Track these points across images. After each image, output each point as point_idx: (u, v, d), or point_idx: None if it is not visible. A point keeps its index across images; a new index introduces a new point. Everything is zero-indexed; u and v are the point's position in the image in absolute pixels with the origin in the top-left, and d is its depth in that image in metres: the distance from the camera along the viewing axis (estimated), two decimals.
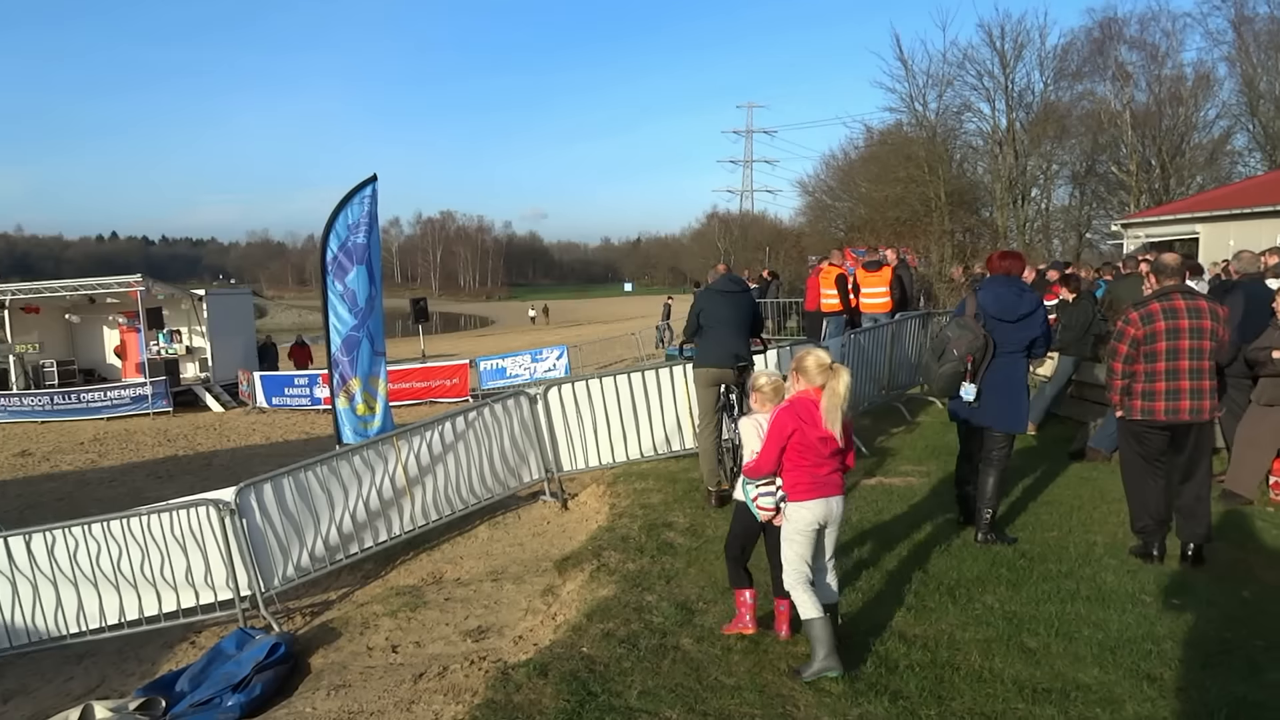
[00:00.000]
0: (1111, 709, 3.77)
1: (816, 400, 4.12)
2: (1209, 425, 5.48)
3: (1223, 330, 5.38)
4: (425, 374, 21.19)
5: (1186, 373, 5.33)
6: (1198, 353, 5.33)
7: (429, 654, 5.60)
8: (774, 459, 4.19)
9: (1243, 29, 34.63)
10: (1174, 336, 5.35)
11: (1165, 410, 5.39)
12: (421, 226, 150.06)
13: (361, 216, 8.78)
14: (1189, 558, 5.46)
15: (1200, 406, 5.35)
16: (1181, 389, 5.35)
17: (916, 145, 38.99)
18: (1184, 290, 5.50)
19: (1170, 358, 5.35)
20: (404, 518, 7.62)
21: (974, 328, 5.75)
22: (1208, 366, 5.35)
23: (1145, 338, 5.44)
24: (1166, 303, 5.43)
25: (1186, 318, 5.34)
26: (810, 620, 4.09)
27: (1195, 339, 5.33)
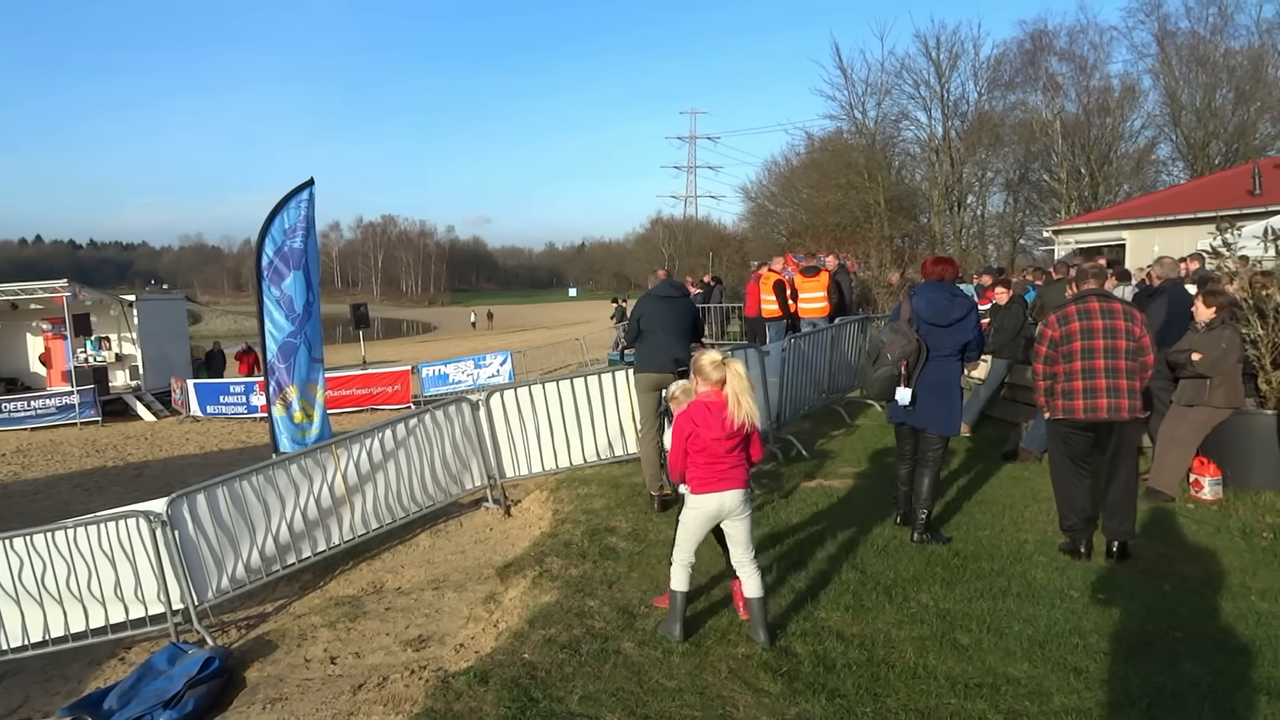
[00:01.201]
0: (1040, 701, 3.88)
1: (710, 404, 4.42)
2: (1133, 425, 5.64)
3: (1139, 330, 5.53)
4: (366, 380, 20.86)
5: (1102, 372, 5.51)
6: (1112, 352, 5.50)
7: (368, 665, 5.53)
8: (681, 459, 4.56)
9: (1165, 43, 36.01)
10: (1088, 337, 5.54)
11: (1083, 409, 5.57)
12: (362, 231, 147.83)
13: (298, 221, 8.63)
14: (1113, 554, 5.64)
15: (1118, 405, 5.50)
16: (1098, 388, 5.52)
17: (856, 152, 39.74)
18: (1100, 294, 5.69)
19: (1085, 357, 5.54)
20: (343, 527, 7.50)
21: (907, 332, 5.87)
22: (1124, 366, 5.50)
23: (1061, 339, 5.65)
24: (1082, 305, 5.65)
25: (1100, 319, 5.53)
26: (674, 593, 4.62)
27: (1109, 339, 5.51)
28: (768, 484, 7.77)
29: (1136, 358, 5.54)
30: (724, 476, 4.48)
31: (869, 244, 29.00)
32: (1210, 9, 35.60)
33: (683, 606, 4.65)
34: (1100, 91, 36.87)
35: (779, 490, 7.56)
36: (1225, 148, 33.53)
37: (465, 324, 74.09)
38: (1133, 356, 5.53)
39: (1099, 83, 37.11)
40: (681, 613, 4.64)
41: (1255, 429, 6.91)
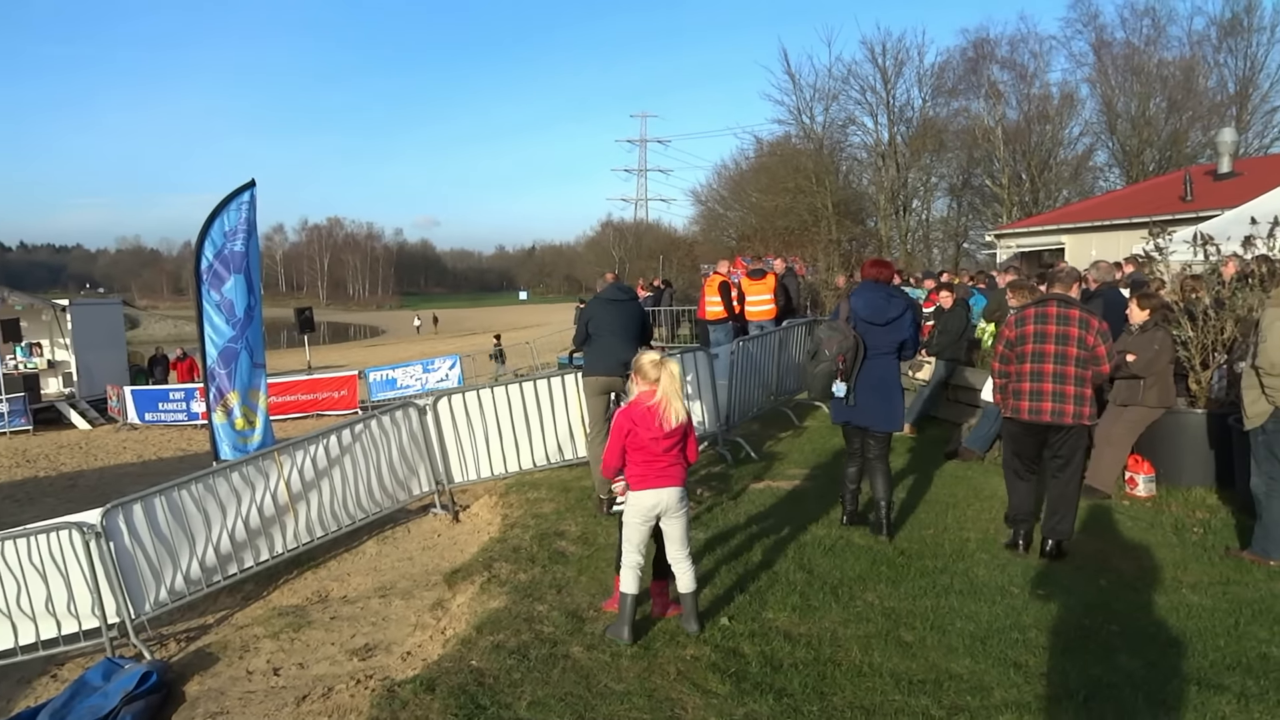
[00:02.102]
0: (981, 696, 3.96)
1: (648, 403, 4.53)
2: (1078, 430, 5.64)
3: (1092, 339, 5.53)
4: (311, 386, 20.53)
5: (1050, 376, 5.59)
6: (1061, 358, 5.57)
7: (313, 675, 5.43)
8: (617, 456, 4.66)
9: (1102, 53, 37.08)
10: (1040, 340, 5.63)
11: (1028, 410, 5.68)
12: (307, 233, 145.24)
13: (239, 223, 8.45)
14: (1047, 552, 5.74)
15: (1061, 409, 5.57)
16: (1044, 391, 5.61)
17: (804, 157, 40.20)
18: (1061, 299, 5.73)
19: (1035, 360, 5.64)
20: (287, 535, 7.36)
21: (844, 329, 6.00)
22: (1073, 373, 5.54)
23: (1016, 339, 5.75)
24: (1040, 308, 5.73)
25: (1054, 324, 5.61)
26: (624, 595, 4.66)
27: (1060, 344, 5.58)
28: (717, 486, 7.81)
29: (1087, 366, 5.56)
30: (661, 475, 4.59)
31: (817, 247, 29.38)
32: (1144, 20, 36.77)
33: (632, 609, 4.67)
34: (1040, 99, 37.82)
35: (728, 492, 7.60)
36: (1159, 155, 34.60)
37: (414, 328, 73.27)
38: (1083, 364, 5.55)
39: (1039, 91, 38.08)
40: (631, 615, 4.66)
41: (1186, 428, 7.13)
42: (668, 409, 4.50)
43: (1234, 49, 35.29)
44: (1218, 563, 5.63)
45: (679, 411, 4.53)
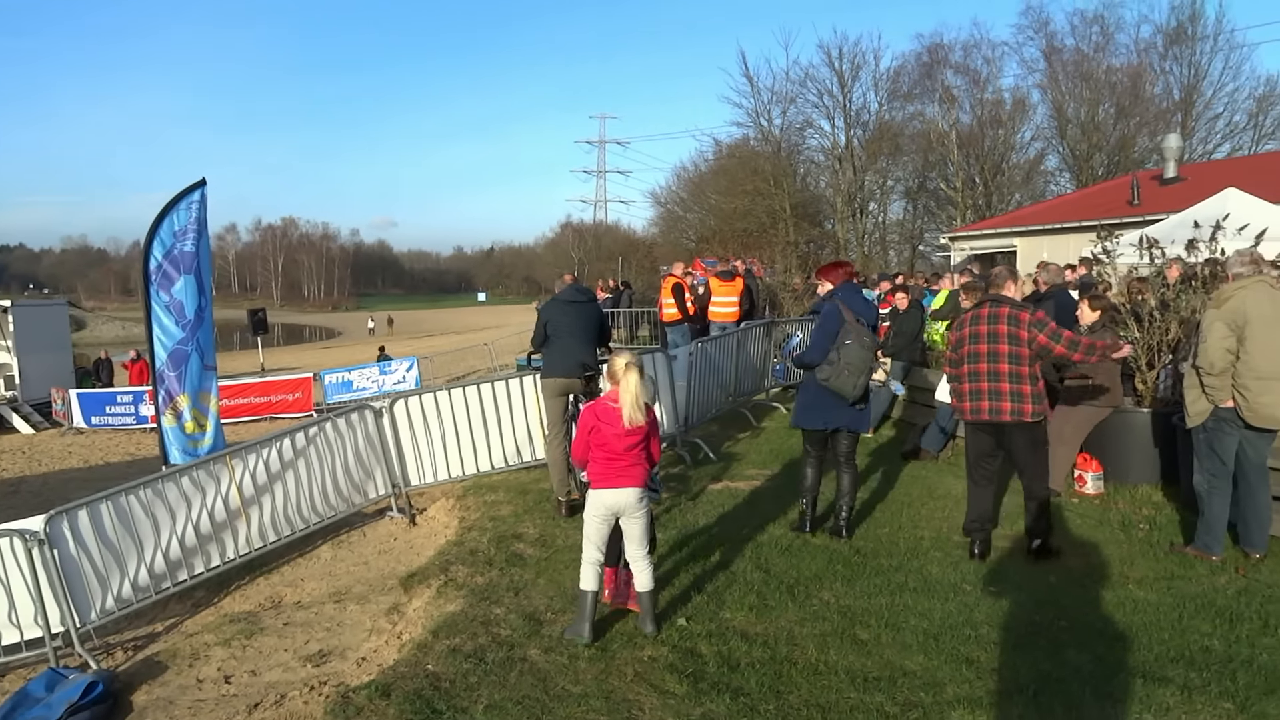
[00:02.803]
0: (934, 692, 4.01)
1: (614, 402, 4.60)
2: (1023, 427, 5.68)
3: (1025, 334, 5.58)
4: (265, 389, 20.21)
5: (985, 375, 5.69)
6: (993, 356, 5.66)
7: (265, 682, 5.34)
8: (583, 448, 4.73)
9: (1053, 59, 37.86)
10: (975, 341, 5.75)
11: (971, 410, 5.79)
12: (261, 233, 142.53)
13: (189, 222, 8.28)
14: (1031, 552, 5.76)
15: (999, 407, 5.64)
16: (982, 390, 5.72)
17: (762, 159, 40.50)
18: (994, 299, 5.85)
19: (971, 360, 5.76)
20: (239, 540, 7.23)
21: (865, 328, 6.00)
22: (1006, 370, 5.62)
23: (958, 342, 5.88)
24: (976, 310, 5.87)
25: (986, 324, 5.73)
26: (583, 593, 4.66)
27: (991, 343, 5.68)
28: (675, 486, 7.83)
29: (1022, 362, 5.60)
30: (622, 474, 4.63)
31: (775, 249, 29.54)
32: (1093, 28, 37.66)
33: (592, 607, 4.67)
34: (993, 104, 38.54)
35: (686, 493, 7.62)
36: (1108, 160, 35.42)
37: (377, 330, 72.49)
38: (1016, 360, 5.61)
39: (991, 96, 38.81)
40: (591, 613, 4.66)
41: (1133, 426, 7.30)
42: (630, 414, 4.54)
43: (1179, 57, 36.29)
44: (1163, 558, 5.76)
45: (632, 415, 4.55)
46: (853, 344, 5.90)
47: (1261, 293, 5.45)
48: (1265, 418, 5.39)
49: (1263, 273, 5.59)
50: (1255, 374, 5.33)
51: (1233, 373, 5.40)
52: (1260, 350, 5.30)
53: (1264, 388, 5.34)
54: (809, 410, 6.16)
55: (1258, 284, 5.48)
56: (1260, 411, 5.37)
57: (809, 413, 6.17)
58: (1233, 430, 5.49)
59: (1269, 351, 5.29)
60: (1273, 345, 5.30)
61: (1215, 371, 5.39)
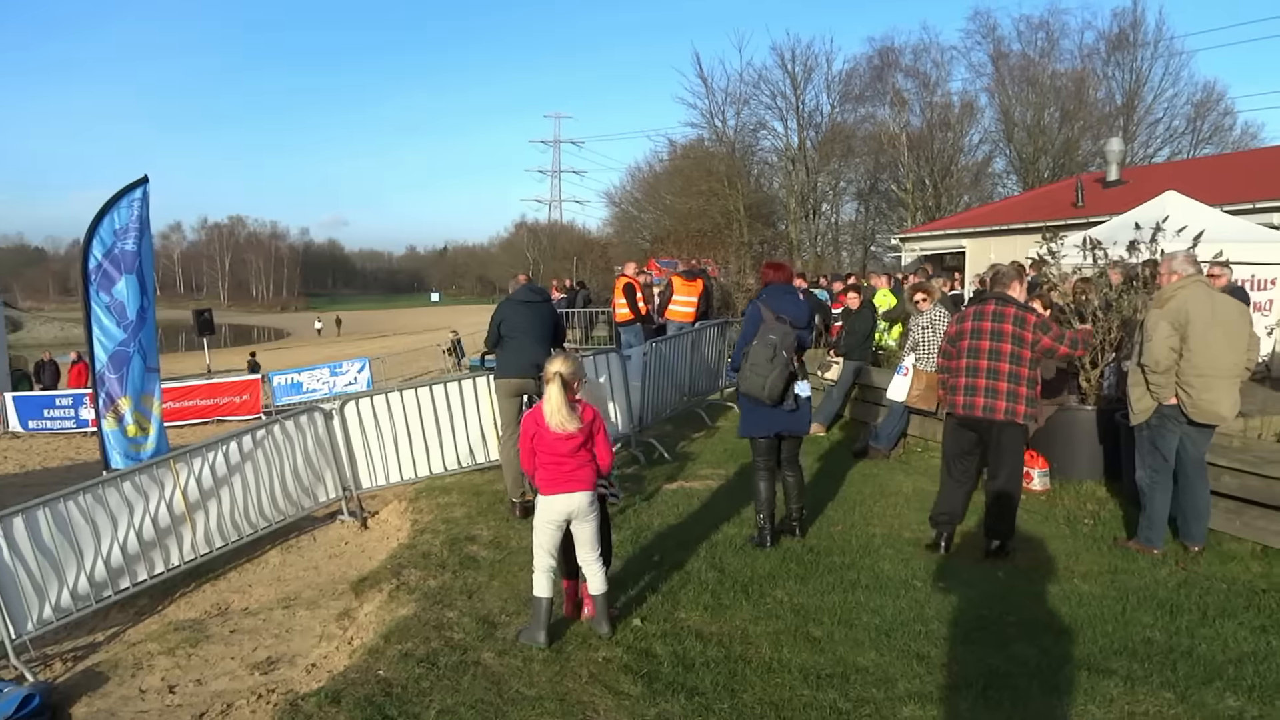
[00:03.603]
0: (886, 688, 4.06)
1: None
2: (1012, 427, 5.70)
3: (1030, 335, 5.57)
4: (211, 390, 19.80)
5: (983, 372, 5.68)
6: (995, 354, 5.65)
7: (211, 691, 5.22)
8: (530, 457, 4.70)
9: (1000, 63, 38.61)
10: (976, 337, 5.73)
11: (963, 405, 5.76)
12: (207, 232, 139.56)
13: (131, 221, 8.07)
14: (991, 552, 5.80)
15: (993, 405, 5.64)
16: (977, 386, 5.70)
17: (717, 160, 40.71)
18: (1000, 298, 5.80)
19: (970, 356, 5.74)
20: (184, 546, 7.06)
21: (787, 328, 5.86)
22: (1006, 369, 5.61)
23: (956, 335, 5.87)
24: (979, 306, 5.84)
25: (990, 320, 5.70)
26: (537, 599, 4.62)
27: (994, 341, 5.66)
28: (630, 487, 7.82)
29: (1023, 364, 5.59)
30: (569, 478, 4.60)
31: (729, 249, 29.74)
32: (1039, 34, 38.47)
33: (546, 613, 4.64)
34: (942, 107, 39.18)
35: (641, 493, 7.62)
36: (1053, 163, 36.21)
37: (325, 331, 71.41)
38: (1017, 361, 5.60)
39: (941, 99, 39.45)
40: (546, 619, 4.63)
41: (1078, 423, 7.46)
42: (554, 420, 4.53)
43: (1121, 63, 37.27)
44: (1106, 552, 5.90)
45: (562, 423, 4.51)
46: (756, 344, 5.84)
47: (1200, 293, 5.60)
48: (1207, 414, 5.54)
49: (1202, 274, 5.76)
50: (1197, 371, 5.48)
51: (1176, 371, 5.54)
52: (1201, 349, 5.44)
53: (1205, 385, 5.49)
54: (748, 418, 6.09)
55: (1196, 284, 5.64)
56: (1202, 408, 5.52)
57: (749, 421, 6.10)
58: (1175, 427, 5.64)
59: (1209, 350, 5.45)
60: (1212, 344, 5.45)
61: (1160, 370, 5.52)
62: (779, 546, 6.06)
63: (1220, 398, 5.51)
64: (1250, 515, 5.87)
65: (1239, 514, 5.93)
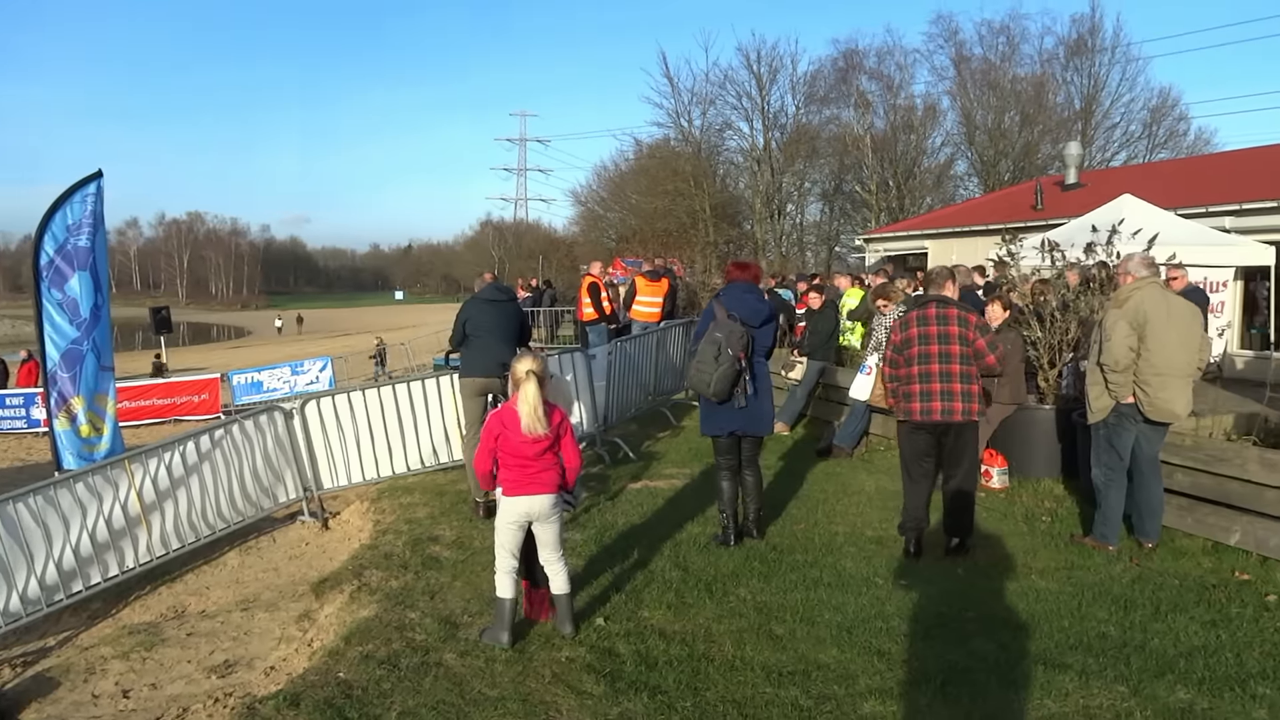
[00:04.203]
0: (847, 684, 4.09)
1: (518, 407, 4.51)
2: (969, 426, 5.79)
3: (972, 335, 5.66)
4: (169, 390, 19.46)
5: (936, 375, 5.71)
6: (946, 356, 5.69)
7: (167, 696, 5.13)
8: (487, 458, 4.63)
9: (962, 67, 39.09)
10: (925, 342, 5.76)
11: (920, 410, 5.79)
12: (165, 229, 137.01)
13: (84, 216, 7.89)
14: (951, 549, 5.85)
15: (951, 407, 5.69)
16: (932, 390, 5.73)
17: (683, 160, 40.78)
18: (939, 299, 5.87)
19: (922, 361, 5.76)
20: (139, 549, 6.93)
21: (739, 328, 5.82)
22: (957, 370, 5.68)
23: (902, 343, 5.88)
24: (921, 310, 5.88)
25: (935, 324, 5.74)
26: (500, 600, 4.60)
27: (943, 344, 5.71)
28: (595, 486, 7.81)
29: (970, 362, 5.69)
30: (533, 480, 4.56)
31: (694, 249, 29.80)
32: (1000, 38, 39.02)
33: (510, 613, 4.61)
34: (905, 110, 39.59)
35: (605, 492, 7.61)
36: (1013, 166, 36.74)
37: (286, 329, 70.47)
38: (967, 361, 5.69)
39: (904, 101, 39.85)
40: (509, 620, 4.60)
41: (1036, 422, 7.58)
42: (528, 423, 4.46)
43: (1079, 68, 37.92)
44: (1063, 549, 5.99)
45: (533, 425, 4.45)
46: (704, 341, 5.85)
47: (1156, 294, 5.72)
48: (1163, 412, 5.65)
49: (1158, 275, 5.87)
50: (1155, 370, 5.58)
51: (1134, 370, 5.64)
52: (1158, 348, 5.55)
53: (1162, 383, 5.59)
54: (707, 417, 6.08)
55: (1152, 285, 5.75)
56: (1159, 406, 5.62)
57: (707, 420, 6.09)
58: (1131, 425, 5.74)
59: (1165, 350, 5.55)
60: (1168, 344, 5.56)
61: (1119, 369, 5.62)
62: (742, 545, 6.08)
63: (1175, 396, 5.62)
64: (1202, 512, 5.99)
65: (1191, 511, 6.06)
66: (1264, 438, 6.19)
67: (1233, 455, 5.81)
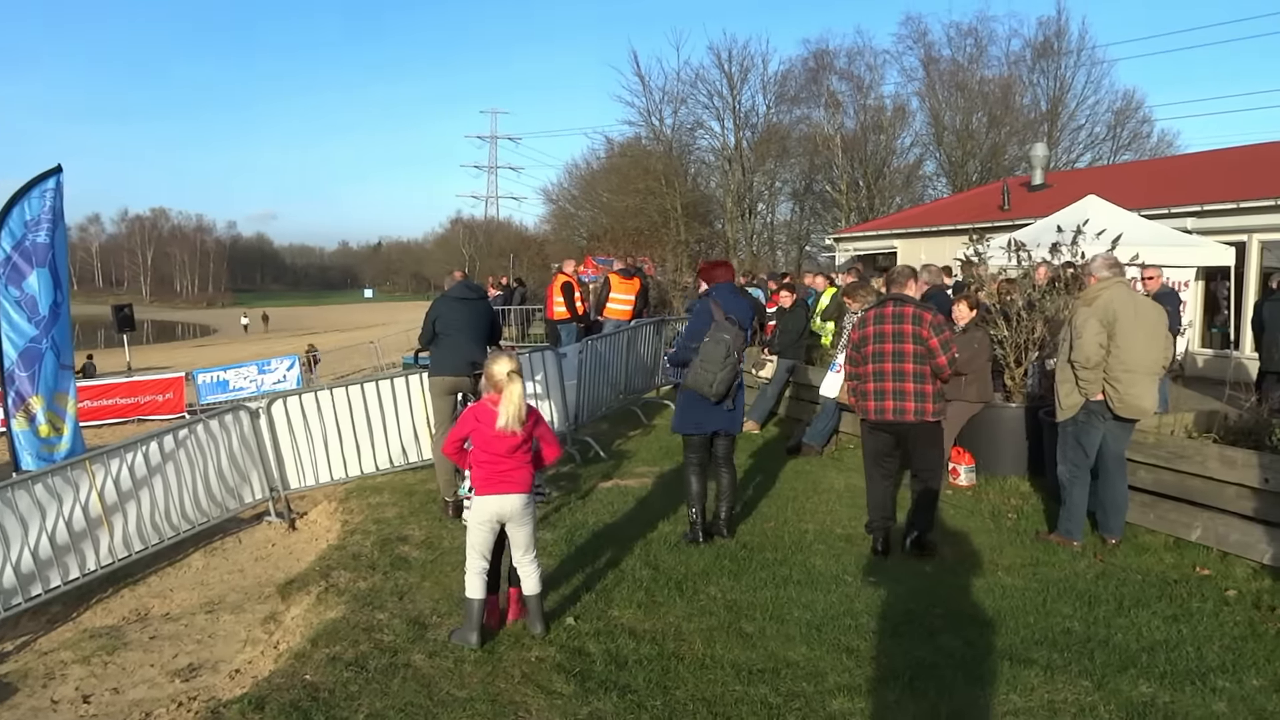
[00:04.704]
0: (816, 681, 4.11)
1: (496, 403, 4.48)
2: (925, 427, 5.79)
3: (926, 333, 5.63)
4: (132, 389, 19.12)
5: (890, 375, 5.74)
6: (899, 356, 5.71)
7: (129, 700, 5.04)
8: (455, 445, 4.65)
9: (930, 68, 39.44)
10: (879, 341, 5.79)
11: (875, 410, 5.83)
12: (128, 225, 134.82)
13: (42, 212, 7.74)
14: (908, 547, 5.88)
15: (903, 408, 5.71)
16: (886, 390, 5.76)
17: (654, 158, 40.78)
18: (897, 298, 5.88)
19: (876, 360, 5.80)
20: (101, 551, 6.80)
21: (736, 328, 5.89)
22: (910, 370, 5.66)
23: (860, 341, 5.91)
24: (877, 309, 5.92)
25: (890, 323, 5.76)
26: (470, 600, 4.55)
27: (897, 343, 5.72)
28: (565, 485, 7.79)
29: (925, 362, 5.67)
30: (505, 479, 4.52)
31: (665, 248, 29.84)
32: (968, 40, 39.43)
33: (479, 614, 4.58)
34: (875, 110, 39.87)
35: (576, 491, 7.59)
36: (981, 166, 37.15)
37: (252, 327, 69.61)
38: (921, 360, 5.66)
39: (874, 102, 40.13)
40: (478, 620, 4.57)
41: (1003, 420, 7.66)
42: (508, 421, 4.43)
43: (1046, 70, 38.41)
44: (1029, 546, 6.06)
45: (509, 423, 4.43)
46: (709, 341, 5.85)
47: (1123, 293, 5.81)
48: (1132, 408, 5.73)
49: (1123, 275, 5.96)
50: (1125, 367, 5.66)
51: (1104, 367, 5.72)
52: (1127, 345, 5.63)
53: (1131, 380, 5.68)
54: (686, 414, 6.09)
55: (1119, 285, 5.84)
56: (1129, 402, 5.70)
57: (686, 417, 6.10)
58: (1100, 423, 5.82)
59: (1134, 346, 5.64)
60: (1136, 341, 5.65)
61: (1089, 365, 5.69)
62: (713, 543, 6.09)
63: (1144, 393, 5.71)
64: (1164, 508, 6.09)
65: (1153, 507, 6.15)
66: (1224, 435, 6.28)
67: (1194, 452, 5.91)
